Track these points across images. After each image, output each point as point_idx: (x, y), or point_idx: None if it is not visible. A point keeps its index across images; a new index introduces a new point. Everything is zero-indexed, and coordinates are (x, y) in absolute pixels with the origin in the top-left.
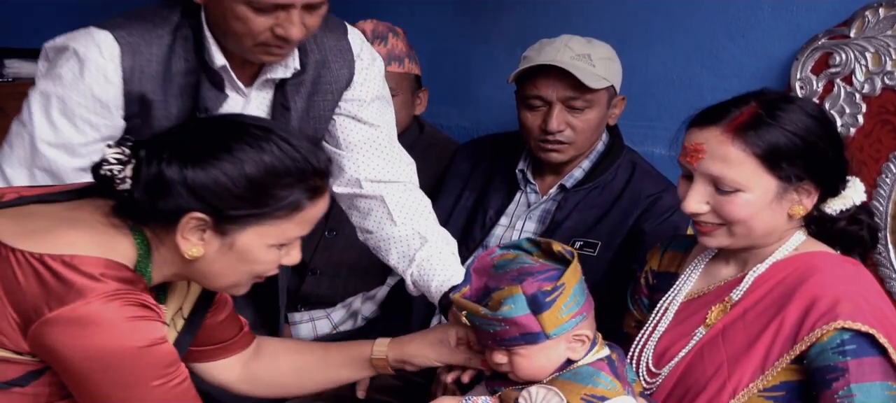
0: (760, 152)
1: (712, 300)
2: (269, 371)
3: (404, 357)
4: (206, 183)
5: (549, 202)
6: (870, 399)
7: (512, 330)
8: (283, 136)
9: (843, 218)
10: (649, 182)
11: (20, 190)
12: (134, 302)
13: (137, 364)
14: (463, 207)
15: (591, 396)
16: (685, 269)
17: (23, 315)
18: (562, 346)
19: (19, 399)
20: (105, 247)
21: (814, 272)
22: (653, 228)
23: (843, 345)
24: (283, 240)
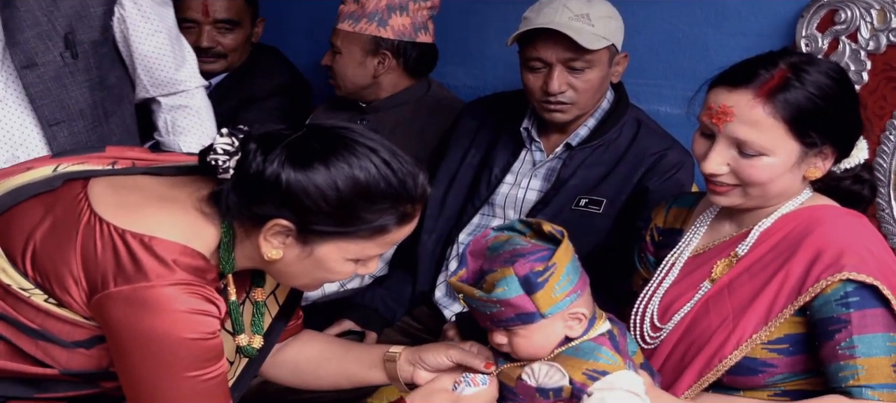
0: (789, 117)
1: (717, 254)
2: (294, 357)
3: (418, 356)
4: (299, 192)
5: (554, 160)
6: (871, 351)
7: (507, 311)
8: (386, 159)
9: (848, 177)
10: (654, 139)
11: (136, 157)
12: (197, 294)
13: (178, 353)
14: (469, 165)
15: (593, 371)
16: (690, 225)
17: (91, 283)
18: (558, 325)
19: (83, 358)
20: (189, 232)
21: (819, 224)
22: (657, 185)
23: (846, 297)
24: (361, 257)
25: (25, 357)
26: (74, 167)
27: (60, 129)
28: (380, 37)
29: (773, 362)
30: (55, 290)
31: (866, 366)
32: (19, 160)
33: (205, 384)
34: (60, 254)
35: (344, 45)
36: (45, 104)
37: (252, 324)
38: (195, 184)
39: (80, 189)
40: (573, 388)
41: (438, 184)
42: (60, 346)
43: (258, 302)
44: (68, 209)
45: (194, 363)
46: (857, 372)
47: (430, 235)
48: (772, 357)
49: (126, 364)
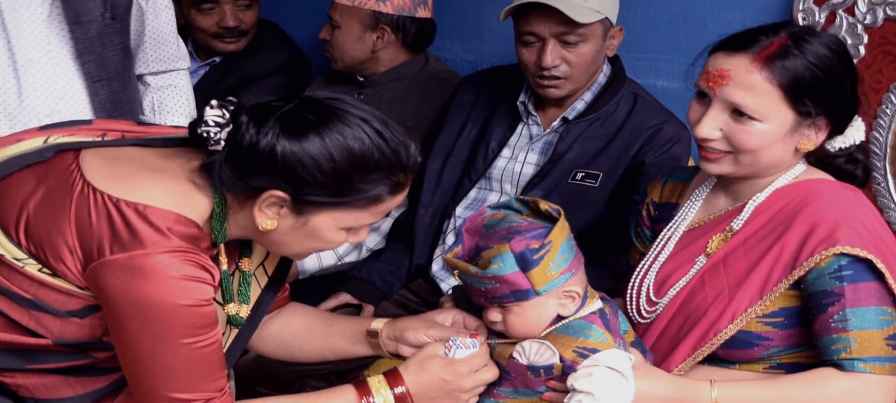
0: (785, 84)
1: (713, 229)
2: (279, 331)
3: (398, 333)
4: (294, 163)
5: (551, 134)
6: (864, 324)
7: (502, 288)
8: (379, 129)
9: (842, 156)
10: (651, 113)
11: (125, 129)
12: (191, 261)
13: (174, 320)
14: (466, 139)
15: (583, 348)
16: (686, 200)
17: (86, 252)
18: (552, 303)
19: (77, 328)
20: (181, 201)
21: (814, 198)
22: (654, 159)
23: (840, 271)
24: (354, 225)
25: (18, 328)
26: (65, 138)
27: (101, 86)
28: (379, 11)
29: (767, 335)
30: (49, 260)
31: (858, 339)
32: (60, 113)
33: (200, 351)
34: (55, 224)
35: (342, 19)
36: (90, 60)
37: (238, 294)
38: (185, 155)
39: (71, 159)
40: (563, 366)
41: (435, 158)
42: (54, 316)
43: (245, 272)
44: (61, 179)
45: (190, 330)
46: (850, 345)
47: (426, 209)
48: (767, 331)
49: (122, 332)
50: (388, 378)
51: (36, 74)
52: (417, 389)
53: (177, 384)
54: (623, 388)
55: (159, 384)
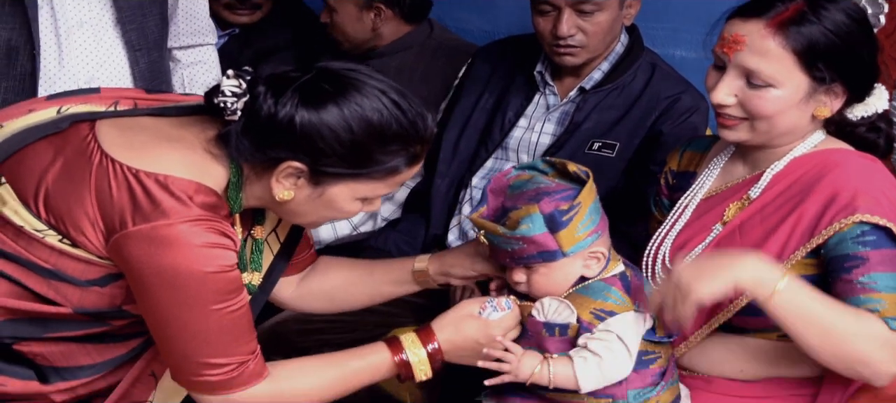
0: (799, 49)
1: (730, 197)
2: (320, 285)
3: (444, 268)
4: (312, 133)
5: (568, 104)
6: (892, 288)
7: (529, 248)
8: (396, 100)
9: (864, 124)
10: (669, 83)
11: (136, 97)
12: (213, 229)
13: (202, 288)
14: (482, 109)
15: (600, 310)
16: (704, 168)
17: (108, 224)
18: (578, 264)
19: (97, 297)
20: (199, 170)
21: (833, 167)
22: (671, 129)
23: (863, 236)
24: (370, 196)
25: (36, 298)
26: (78, 108)
27: (142, 56)
28: None
29: None
30: (70, 232)
31: (888, 301)
32: (100, 80)
33: (230, 316)
34: (75, 196)
35: (337, 3)
36: (131, 29)
37: (251, 262)
38: (200, 124)
39: (87, 130)
40: (579, 326)
41: (452, 128)
42: (74, 285)
43: (258, 240)
44: (79, 151)
45: (218, 296)
46: (881, 305)
47: (443, 179)
48: None
49: (151, 303)
50: (421, 335)
51: (77, 40)
52: (449, 348)
53: (210, 350)
54: (624, 361)
55: (193, 351)
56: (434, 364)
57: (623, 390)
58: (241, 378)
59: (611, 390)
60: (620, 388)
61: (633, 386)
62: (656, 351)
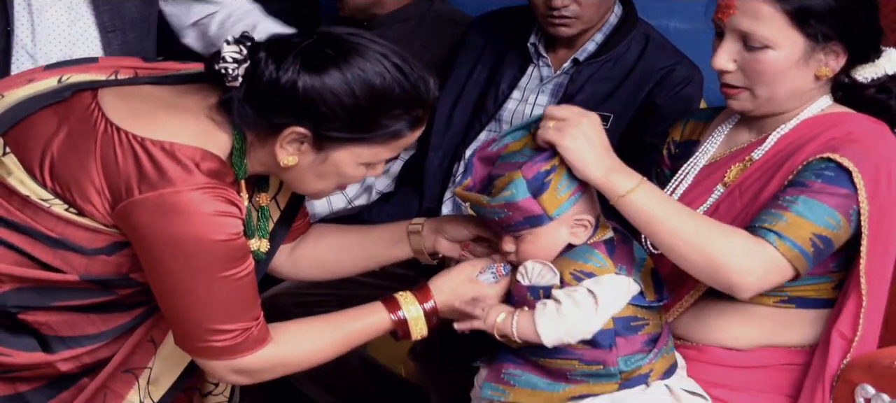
0: (790, 8)
1: (732, 160)
2: (312, 252)
3: (438, 225)
4: (315, 99)
5: (562, 76)
6: (806, 213)
7: (515, 215)
8: (398, 64)
9: (873, 86)
10: (663, 54)
11: (136, 65)
12: (220, 196)
13: (210, 255)
14: (476, 81)
15: (580, 272)
16: (707, 136)
17: (114, 192)
18: (564, 230)
19: (103, 265)
20: (204, 137)
21: (835, 125)
22: (666, 101)
23: (823, 170)
24: (374, 160)
25: (42, 266)
26: (80, 77)
27: (115, 37)
28: None
29: None
30: (76, 200)
31: (791, 221)
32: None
33: (238, 282)
34: (80, 165)
35: None
36: (105, 10)
37: (258, 229)
38: (202, 92)
39: (90, 99)
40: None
41: (445, 100)
42: (81, 254)
43: (263, 207)
44: (83, 119)
45: (226, 263)
46: (779, 220)
47: (436, 151)
48: None
49: (158, 270)
50: (417, 294)
51: (50, 19)
52: (445, 308)
53: (216, 316)
54: (588, 314)
55: (198, 318)
56: (430, 323)
57: (613, 356)
58: (245, 344)
59: (601, 356)
60: (610, 354)
61: (623, 352)
62: (645, 317)
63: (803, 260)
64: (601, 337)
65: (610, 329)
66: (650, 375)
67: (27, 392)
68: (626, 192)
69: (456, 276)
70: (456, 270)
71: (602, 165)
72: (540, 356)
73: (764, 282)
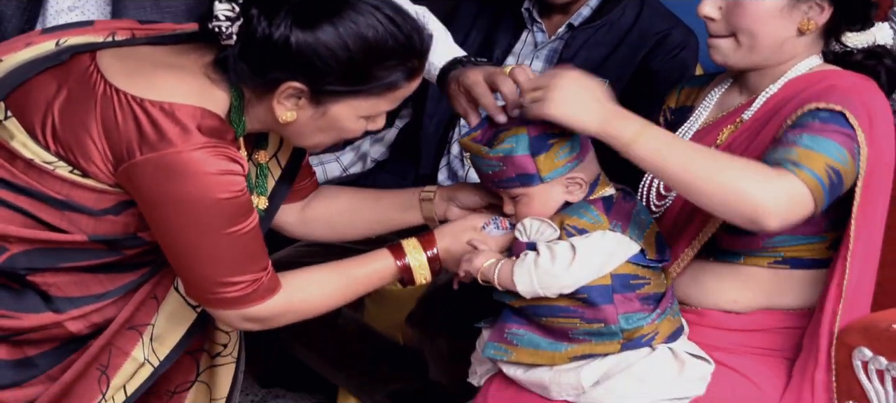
0: None
1: (724, 123)
2: (323, 212)
3: (450, 193)
4: (309, 53)
5: (556, 41)
6: (815, 146)
7: (508, 171)
8: (391, 16)
9: (863, 52)
10: (658, 19)
11: (131, 27)
12: (221, 155)
13: (214, 214)
14: (470, 48)
15: (572, 227)
16: (701, 101)
17: (116, 154)
18: (558, 190)
19: (111, 225)
20: (203, 96)
21: (822, 81)
22: (662, 65)
23: (816, 113)
24: (372, 113)
25: (50, 229)
26: (77, 39)
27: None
28: None
29: None
30: (80, 162)
31: (802, 153)
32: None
33: (243, 237)
34: (81, 126)
35: None
36: None
37: (257, 186)
38: (198, 51)
39: (89, 61)
40: None
41: None
42: (88, 215)
43: (261, 165)
44: (82, 81)
45: (230, 220)
46: (791, 154)
47: (431, 119)
48: None
49: (164, 229)
50: (422, 241)
51: None
52: (447, 256)
53: (225, 270)
54: (563, 268)
55: (207, 272)
56: (433, 270)
57: (613, 314)
58: (256, 294)
59: (602, 314)
60: (610, 313)
61: (621, 310)
62: (646, 276)
63: (821, 192)
64: (598, 294)
65: (607, 285)
66: (655, 337)
67: (36, 357)
68: (630, 139)
69: (460, 224)
70: (461, 221)
71: (596, 118)
72: (541, 315)
73: (789, 212)
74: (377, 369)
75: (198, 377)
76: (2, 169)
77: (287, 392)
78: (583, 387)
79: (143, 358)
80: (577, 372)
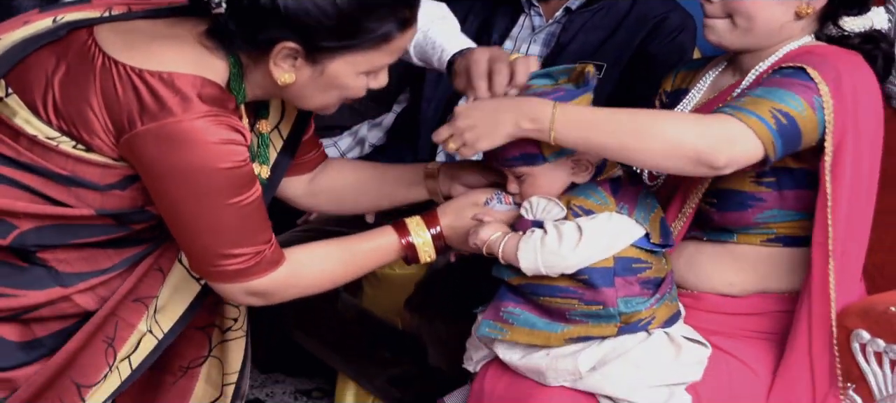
0: None
1: (716, 102)
2: (331, 184)
3: (454, 171)
4: (298, 11)
5: (554, 25)
6: (766, 95)
7: (512, 149)
8: None
9: (859, 37)
10: (655, 2)
11: (130, 2)
12: (224, 124)
13: (216, 183)
14: (468, 31)
15: (579, 207)
16: (695, 84)
17: (117, 125)
18: (563, 171)
19: (118, 200)
20: (200, 65)
21: (812, 54)
22: (660, 49)
23: (780, 70)
24: (371, 68)
25: (57, 204)
26: (74, 16)
27: None
28: None
29: (761, 196)
30: (83, 136)
31: (747, 100)
32: None
33: (245, 208)
34: (83, 99)
35: None
36: None
37: (258, 155)
38: (191, 21)
39: (86, 36)
40: None
41: None
42: (94, 190)
43: (263, 134)
44: (80, 54)
45: (232, 190)
46: (737, 102)
47: (429, 103)
48: (760, 191)
49: (167, 200)
50: (426, 219)
51: None
52: (450, 233)
53: (227, 241)
54: (569, 248)
55: (210, 243)
56: (437, 248)
57: (612, 297)
58: (258, 267)
59: (601, 296)
60: (610, 295)
61: (621, 293)
62: (648, 261)
63: (767, 131)
64: (599, 276)
65: (609, 267)
66: (652, 322)
67: (44, 337)
68: (550, 123)
69: (463, 201)
70: (463, 197)
71: (507, 122)
72: (540, 294)
73: (731, 150)
74: (376, 353)
75: (210, 352)
76: (6, 146)
77: (287, 377)
78: (580, 373)
79: (146, 329)
80: (573, 358)
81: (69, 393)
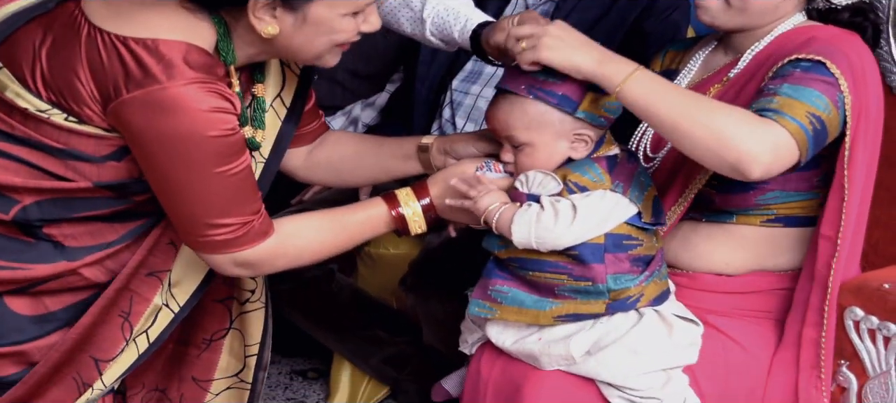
0: None
1: (710, 82)
2: (329, 157)
3: (447, 144)
4: None
5: (548, 3)
6: (795, 95)
7: (559, 86)
8: None
9: (848, 10)
10: None
11: None
12: (213, 91)
13: (204, 151)
14: None
15: (574, 183)
16: (686, 64)
17: (103, 93)
18: (562, 144)
19: (114, 171)
20: (186, 30)
21: (809, 34)
22: (654, 27)
23: (797, 62)
24: (355, 8)
25: (55, 178)
26: None
27: None
28: None
29: (765, 178)
30: (72, 107)
31: (781, 101)
32: None
33: (233, 178)
34: (70, 69)
35: None
36: None
37: (253, 119)
38: None
39: (73, 7)
40: None
41: None
42: (90, 162)
43: (259, 98)
44: (67, 25)
45: (220, 159)
46: (771, 103)
47: (422, 83)
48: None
49: (154, 167)
50: (416, 190)
51: None
52: (440, 203)
53: (214, 211)
54: (564, 224)
55: (196, 212)
56: (428, 219)
57: (601, 274)
58: (246, 237)
59: (590, 272)
60: (599, 272)
61: (611, 270)
62: (639, 238)
63: (804, 138)
64: (589, 252)
65: (600, 244)
66: (641, 299)
67: (58, 311)
68: (622, 80)
69: (451, 171)
70: (452, 167)
71: (591, 57)
72: (528, 269)
73: (773, 161)
74: (371, 333)
75: (231, 324)
76: (0, 121)
77: (282, 358)
78: (573, 357)
79: (162, 303)
80: (566, 343)
81: (87, 368)
